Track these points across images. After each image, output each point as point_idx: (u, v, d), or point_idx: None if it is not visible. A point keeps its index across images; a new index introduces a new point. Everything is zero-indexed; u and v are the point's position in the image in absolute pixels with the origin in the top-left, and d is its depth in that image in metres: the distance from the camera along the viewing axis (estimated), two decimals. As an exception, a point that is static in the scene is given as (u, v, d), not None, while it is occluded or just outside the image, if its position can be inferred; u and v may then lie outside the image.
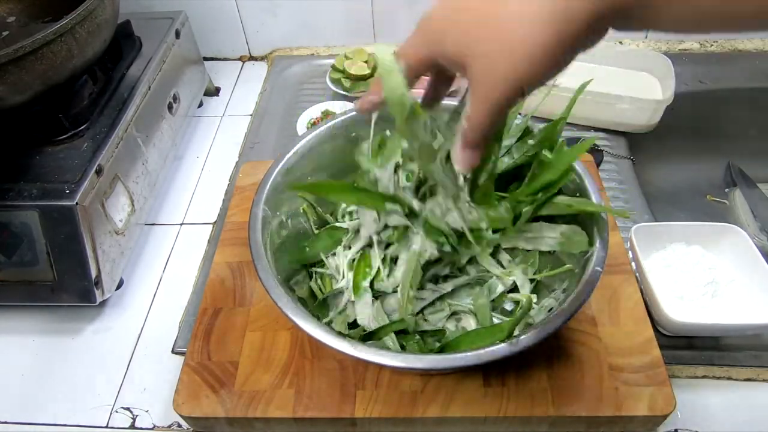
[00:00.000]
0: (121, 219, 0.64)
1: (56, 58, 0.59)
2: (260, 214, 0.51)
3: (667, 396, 0.48)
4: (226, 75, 0.99)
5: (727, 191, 0.88)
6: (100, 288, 0.60)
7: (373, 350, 0.42)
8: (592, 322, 0.54)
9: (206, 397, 0.51)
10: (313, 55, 1.00)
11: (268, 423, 0.51)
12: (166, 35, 0.79)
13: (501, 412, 0.49)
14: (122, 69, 0.73)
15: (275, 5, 0.95)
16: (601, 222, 0.46)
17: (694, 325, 0.56)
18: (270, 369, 0.53)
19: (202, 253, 0.70)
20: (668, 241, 0.62)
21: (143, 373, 0.59)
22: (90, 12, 0.60)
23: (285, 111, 0.89)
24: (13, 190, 0.58)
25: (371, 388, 0.51)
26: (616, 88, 0.77)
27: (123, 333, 0.63)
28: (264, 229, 0.51)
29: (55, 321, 0.64)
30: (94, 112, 0.67)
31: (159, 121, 0.75)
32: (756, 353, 0.55)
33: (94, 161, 0.61)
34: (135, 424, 0.56)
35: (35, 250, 0.58)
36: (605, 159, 0.77)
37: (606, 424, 0.50)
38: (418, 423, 0.50)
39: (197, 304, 0.61)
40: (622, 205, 0.72)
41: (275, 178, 0.54)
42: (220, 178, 0.80)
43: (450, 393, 0.50)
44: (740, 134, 0.91)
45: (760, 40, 0.93)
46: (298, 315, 0.44)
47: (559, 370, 0.51)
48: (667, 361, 0.52)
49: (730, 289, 0.59)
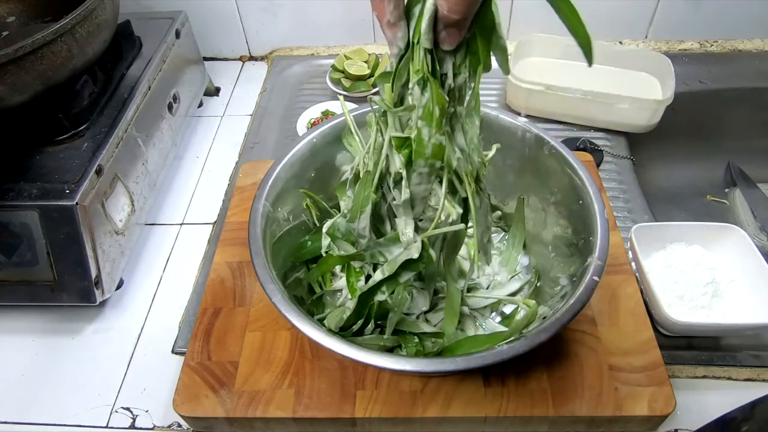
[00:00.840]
0: (121, 219, 0.64)
1: (56, 58, 0.59)
2: (261, 209, 0.51)
3: (667, 396, 0.49)
4: (226, 75, 0.99)
5: (727, 191, 0.89)
6: (100, 288, 0.60)
7: (372, 353, 0.42)
8: (592, 322, 0.54)
9: (206, 397, 0.51)
10: (313, 55, 1.00)
11: (268, 423, 0.51)
12: (166, 35, 0.79)
13: (501, 412, 0.49)
14: (122, 69, 0.73)
15: (275, 5, 0.95)
16: (603, 232, 0.46)
17: (694, 325, 0.56)
18: (270, 369, 0.53)
19: (202, 253, 0.70)
20: (668, 241, 0.62)
21: (143, 373, 0.59)
22: (90, 12, 0.60)
23: (285, 111, 0.89)
24: (13, 190, 0.58)
25: (371, 388, 0.51)
26: (616, 88, 0.78)
27: (123, 333, 0.63)
28: (265, 226, 0.51)
29: (55, 321, 0.64)
30: (94, 112, 0.67)
31: (159, 121, 0.75)
32: (756, 353, 0.55)
33: (94, 161, 0.61)
34: (135, 424, 0.56)
35: (35, 250, 0.58)
36: (605, 159, 0.77)
37: (606, 424, 0.50)
38: (418, 423, 0.50)
39: (197, 304, 0.61)
40: (622, 205, 0.72)
41: (278, 174, 0.55)
42: (220, 178, 0.80)
43: (450, 393, 0.50)
44: (740, 134, 0.91)
45: (760, 40, 0.94)
46: (292, 312, 0.44)
47: (559, 370, 0.51)
48: (667, 361, 0.52)
49: (730, 289, 0.59)
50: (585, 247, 0.49)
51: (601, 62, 0.86)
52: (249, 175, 0.70)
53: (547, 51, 0.88)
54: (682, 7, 0.90)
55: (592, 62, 0.34)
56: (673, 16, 0.91)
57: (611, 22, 0.93)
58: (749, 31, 0.93)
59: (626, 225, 0.68)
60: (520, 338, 0.42)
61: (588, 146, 0.78)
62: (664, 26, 0.93)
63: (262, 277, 0.47)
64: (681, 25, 0.93)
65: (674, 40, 0.95)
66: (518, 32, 0.94)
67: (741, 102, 0.88)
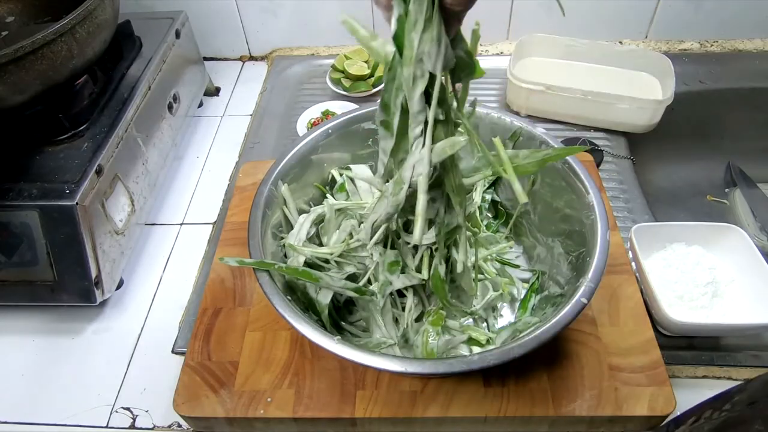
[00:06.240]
0: (121, 219, 0.64)
1: (56, 58, 0.59)
2: (261, 210, 0.52)
3: (667, 396, 0.48)
4: (226, 75, 0.99)
5: (727, 191, 0.89)
6: (100, 288, 0.60)
7: (372, 354, 0.42)
8: (592, 322, 0.54)
9: (206, 397, 0.51)
10: (313, 55, 1.00)
11: (268, 423, 0.51)
12: (166, 35, 0.79)
13: (501, 412, 0.49)
14: (122, 69, 0.73)
15: (275, 5, 0.95)
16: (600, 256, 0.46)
17: (694, 325, 0.56)
18: (270, 369, 0.53)
19: (202, 253, 0.70)
20: (668, 241, 0.62)
21: (143, 373, 0.59)
22: (90, 12, 0.60)
23: (285, 111, 0.89)
24: (13, 190, 0.58)
25: (371, 388, 0.51)
26: (616, 88, 0.78)
27: (123, 333, 0.63)
28: (267, 211, 0.52)
29: (55, 321, 0.64)
30: (94, 112, 0.67)
31: (159, 121, 0.75)
32: (756, 353, 0.56)
33: (94, 161, 0.61)
34: (135, 424, 0.56)
35: (35, 250, 0.58)
36: (605, 159, 0.77)
37: (606, 424, 0.50)
38: (418, 423, 0.50)
39: (197, 304, 0.61)
40: (622, 205, 0.72)
41: (278, 173, 0.55)
42: (220, 178, 0.80)
43: (450, 393, 0.50)
44: (740, 134, 0.91)
45: (760, 40, 0.93)
46: (292, 313, 0.44)
47: (559, 370, 0.51)
48: (667, 361, 0.52)
49: (730, 289, 0.59)
50: (581, 263, 0.49)
51: (601, 62, 0.86)
52: (249, 175, 0.70)
53: (547, 51, 0.88)
54: (682, 7, 0.90)
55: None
56: (673, 16, 0.91)
57: (611, 22, 0.93)
58: (749, 31, 0.93)
59: (626, 225, 0.68)
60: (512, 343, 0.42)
61: (588, 146, 0.78)
62: (664, 26, 0.93)
63: (261, 277, 0.47)
64: (681, 25, 0.93)
65: (674, 40, 0.95)
66: (518, 32, 0.94)
67: (741, 102, 0.88)
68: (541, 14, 0.92)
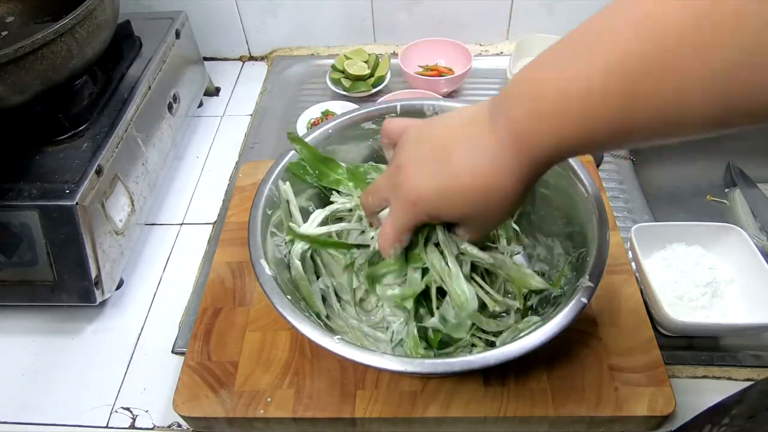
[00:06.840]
0: (121, 219, 0.64)
1: (56, 58, 0.59)
2: (260, 209, 0.52)
3: (667, 396, 0.49)
4: (226, 75, 0.99)
5: (727, 191, 0.88)
6: (100, 288, 0.60)
7: (371, 354, 0.42)
8: (593, 322, 0.54)
9: (206, 397, 0.51)
10: (313, 55, 1.00)
11: (268, 423, 0.51)
12: (166, 35, 0.79)
13: (501, 412, 0.49)
14: (122, 69, 0.73)
15: (275, 5, 0.95)
16: (600, 259, 0.46)
17: (694, 325, 0.56)
18: (270, 369, 0.53)
19: (202, 253, 0.70)
20: (668, 241, 0.62)
21: (143, 373, 0.59)
22: (90, 12, 0.60)
23: (285, 111, 0.89)
24: (13, 190, 0.58)
25: (371, 388, 0.51)
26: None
27: (123, 333, 0.63)
28: (267, 211, 0.52)
29: (55, 321, 0.64)
30: (94, 112, 0.67)
31: (159, 121, 0.75)
32: (756, 353, 0.56)
33: (94, 161, 0.61)
34: (135, 424, 0.56)
35: (35, 250, 0.58)
36: (605, 159, 0.77)
37: (606, 424, 0.50)
38: (418, 423, 0.50)
39: (197, 304, 0.61)
40: (622, 205, 0.72)
41: (278, 173, 0.55)
42: (220, 178, 0.80)
43: (450, 393, 0.50)
44: (740, 134, 0.90)
45: (760, 40, 0.93)
46: (292, 313, 0.44)
47: (559, 370, 0.51)
48: (667, 361, 0.52)
49: (730, 289, 0.59)
50: (581, 263, 0.48)
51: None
52: (249, 175, 0.70)
53: (547, 51, 0.88)
54: (682, 7, 0.90)
55: None
56: (673, 16, 0.91)
57: (611, 22, 0.93)
58: (749, 31, 0.93)
59: (626, 225, 0.68)
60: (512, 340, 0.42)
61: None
62: (664, 26, 0.93)
63: (261, 277, 0.47)
64: (681, 25, 0.92)
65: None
66: (518, 32, 0.94)
67: (741, 102, 0.88)
68: (541, 14, 0.92)
